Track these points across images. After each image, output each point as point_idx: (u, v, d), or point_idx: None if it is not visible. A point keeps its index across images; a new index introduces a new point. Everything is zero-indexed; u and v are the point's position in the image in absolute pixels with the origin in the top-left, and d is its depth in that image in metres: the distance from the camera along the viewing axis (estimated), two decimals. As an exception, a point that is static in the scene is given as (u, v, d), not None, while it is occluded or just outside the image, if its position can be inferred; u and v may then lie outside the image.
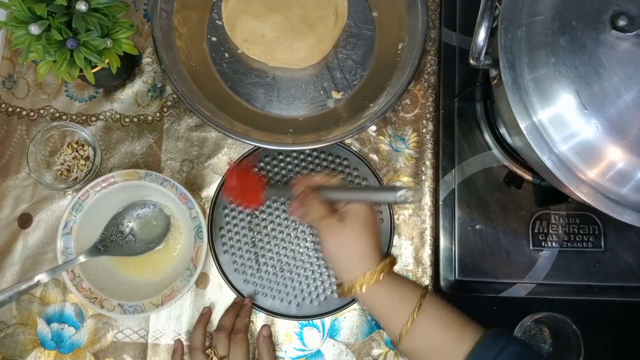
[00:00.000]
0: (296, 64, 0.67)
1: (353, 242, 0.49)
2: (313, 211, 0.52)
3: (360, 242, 0.49)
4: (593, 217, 0.62)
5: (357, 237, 0.49)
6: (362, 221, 0.50)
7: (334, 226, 0.49)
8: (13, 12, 0.52)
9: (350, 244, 0.49)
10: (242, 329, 0.60)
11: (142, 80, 0.68)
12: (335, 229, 0.49)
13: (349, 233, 0.49)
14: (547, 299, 0.62)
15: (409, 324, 0.47)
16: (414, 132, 0.67)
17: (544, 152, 0.44)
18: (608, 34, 0.43)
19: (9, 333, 0.63)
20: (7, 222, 0.65)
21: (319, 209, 0.51)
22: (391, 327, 0.48)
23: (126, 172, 0.61)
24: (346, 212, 0.50)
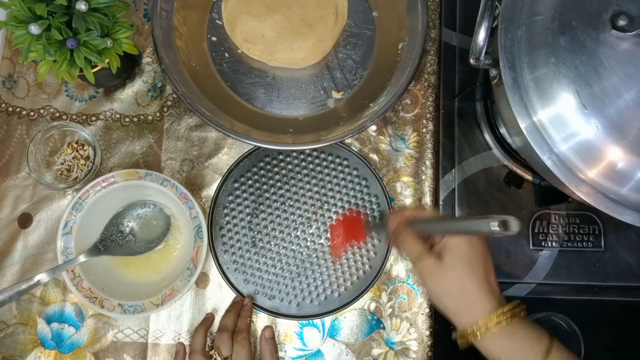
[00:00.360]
0: (296, 64, 0.67)
1: (455, 285, 0.45)
2: (408, 250, 0.48)
3: (463, 284, 0.45)
4: (593, 217, 0.62)
5: (459, 279, 0.45)
6: (463, 259, 0.45)
7: (432, 267, 0.45)
8: (13, 11, 0.52)
9: (452, 287, 0.45)
10: (244, 329, 0.60)
11: (142, 80, 0.68)
12: (434, 271, 0.46)
13: (449, 275, 0.45)
14: (547, 299, 0.62)
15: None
16: (414, 132, 0.67)
17: (544, 152, 0.44)
18: (608, 34, 0.43)
19: (9, 333, 0.63)
20: (7, 222, 0.65)
21: (414, 247, 0.48)
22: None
23: (126, 172, 0.61)
24: (444, 248, 0.46)
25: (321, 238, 0.64)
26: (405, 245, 0.49)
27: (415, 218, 0.51)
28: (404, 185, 0.66)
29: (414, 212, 0.52)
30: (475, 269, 0.45)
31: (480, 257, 0.46)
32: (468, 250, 0.46)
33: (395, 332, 0.63)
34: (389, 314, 0.64)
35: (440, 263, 0.46)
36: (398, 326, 0.63)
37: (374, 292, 0.64)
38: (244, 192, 0.65)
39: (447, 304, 0.46)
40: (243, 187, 0.65)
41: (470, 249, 0.46)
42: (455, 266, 0.45)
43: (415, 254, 0.48)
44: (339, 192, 0.65)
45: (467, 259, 0.45)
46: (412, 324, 0.63)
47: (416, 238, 0.49)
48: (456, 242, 0.46)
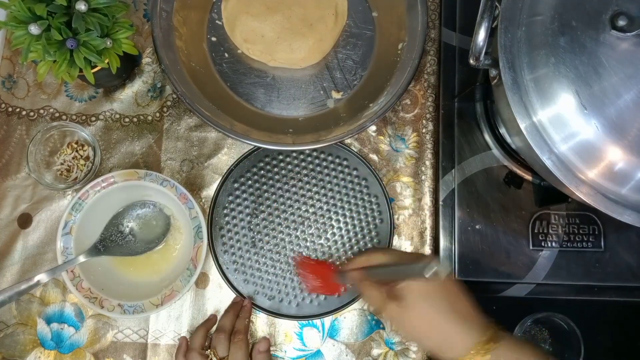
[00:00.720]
0: (296, 64, 0.67)
1: (424, 325, 0.45)
2: (368, 301, 0.48)
3: (432, 323, 0.44)
4: (593, 217, 0.62)
5: (425, 319, 0.45)
6: (423, 296, 0.45)
7: (395, 313, 0.45)
8: (13, 12, 0.52)
9: (422, 328, 0.45)
10: (241, 331, 0.60)
11: (142, 80, 0.68)
12: (398, 317, 0.45)
13: (413, 317, 0.45)
14: (547, 299, 0.62)
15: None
16: (414, 132, 0.67)
17: (544, 152, 0.44)
18: (608, 34, 0.43)
19: (8, 333, 0.63)
20: (7, 222, 0.65)
21: (373, 297, 0.47)
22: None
23: (126, 172, 0.61)
24: (402, 290, 0.45)
25: (321, 238, 0.64)
26: (366, 298, 0.49)
27: (368, 265, 0.50)
28: (403, 186, 0.66)
29: (364, 258, 0.51)
30: (437, 304, 0.45)
31: (439, 290, 0.46)
32: (424, 287, 0.45)
33: (395, 332, 0.63)
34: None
35: (402, 307, 0.45)
36: (398, 326, 0.63)
37: (374, 292, 0.64)
38: (243, 192, 0.65)
39: (424, 344, 0.46)
40: (243, 188, 0.65)
41: (426, 286, 0.45)
42: (416, 306, 0.45)
43: (376, 304, 0.47)
44: (339, 192, 0.65)
45: (425, 295, 0.45)
46: (412, 324, 0.63)
47: (375, 287, 0.48)
48: (412, 282, 0.45)
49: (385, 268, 0.50)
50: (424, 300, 0.45)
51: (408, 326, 0.46)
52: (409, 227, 0.65)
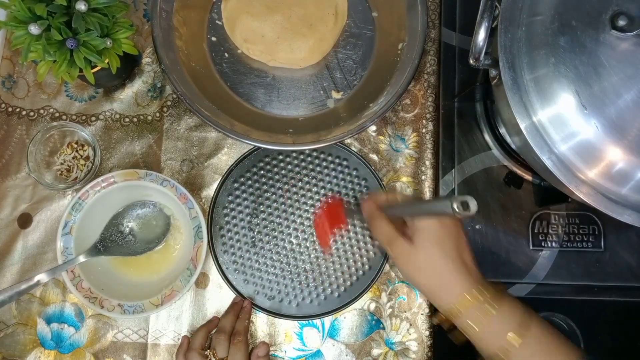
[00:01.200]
0: (296, 64, 0.67)
1: (428, 265, 0.45)
2: (379, 234, 0.48)
3: (435, 264, 0.45)
4: (593, 217, 0.62)
5: (430, 260, 0.45)
6: (434, 239, 0.45)
7: (404, 250, 0.46)
8: (13, 12, 0.52)
9: (425, 268, 0.45)
10: (241, 332, 0.59)
11: (142, 80, 0.68)
12: (405, 254, 0.46)
13: (420, 256, 0.45)
14: (547, 299, 0.62)
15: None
16: (414, 132, 0.67)
17: (544, 152, 0.44)
18: (608, 34, 0.43)
19: (8, 333, 0.63)
20: (7, 222, 0.65)
21: (385, 231, 0.48)
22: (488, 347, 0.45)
23: (126, 172, 0.61)
24: (415, 230, 0.46)
25: (321, 238, 0.64)
26: (377, 230, 0.49)
27: (387, 202, 0.51)
28: (403, 186, 0.66)
29: (385, 196, 0.51)
30: (447, 249, 0.46)
31: (452, 236, 0.46)
32: (438, 230, 0.46)
33: (395, 332, 0.63)
34: (389, 314, 0.64)
35: (412, 245, 0.46)
36: (398, 326, 0.63)
37: (374, 293, 0.64)
38: (243, 192, 0.65)
39: (423, 285, 0.47)
40: (243, 187, 0.65)
41: (440, 229, 0.46)
42: (425, 247, 0.46)
43: (386, 238, 0.48)
44: (339, 193, 0.65)
45: (437, 238, 0.46)
46: (411, 324, 0.63)
47: (388, 222, 0.49)
48: (426, 223, 0.46)
49: (405, 206, 0.50)
50: (435, 243, 0.45)
51: (412, 267, 0.46)
52: (409, 227, 0.65)
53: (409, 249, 0.46)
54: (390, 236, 0.48)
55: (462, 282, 0.45)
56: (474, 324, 0.45)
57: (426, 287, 0.47)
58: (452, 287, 0.45)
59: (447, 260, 0.45)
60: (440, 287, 0.46)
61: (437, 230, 0.46)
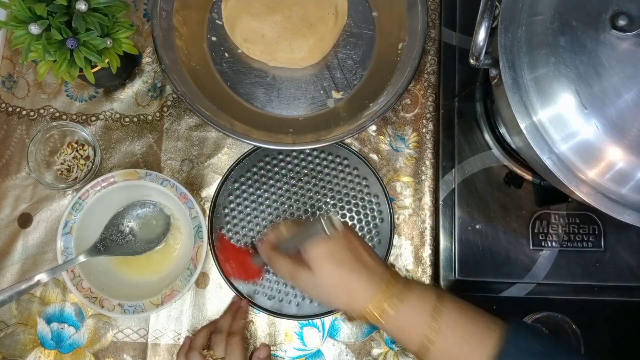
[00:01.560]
0: (296, 64, 0.67)
1: (331, 284, 0.46)
2: (280, 273, 0.50)
3: (337, 280, 0.46)
4: (593, 217, 0.62)
5: (331, 277, 0.46)
6: (327, 257, 0.46)
7: (306, 278, 0.47)
8: (13, 11, 0.52)
9: (330, 287, 0.46)
10: (237, 332, 0.59)
11: (142, 80, 0.68)
12: (308, 282, 0.47)
13: (321, 278, 0.46)
14: (547, 299, 0.62)
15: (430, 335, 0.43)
16: (414, 131, 0.67)
17: (544, 152, 0.44)
18: (608, 34, 0.43)
19: (9, 333, 0.63)
20: (7, 222, 0.65)
21: (284, 268, 0.49)
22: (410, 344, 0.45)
23: (126, 171, 0.61)
24: (309, 256, 0.47)
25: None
26: (278, 269, 0.50)
27: (277, 239, 0.52)
28: (403, 185, 0.66)
29: (273, 234, 0.52)
30: (342, 260, 0.46)
31: (343, 245, 0.47)
32: (328, 247, 0.46)
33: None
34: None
35: (311, 272, 0.46)
36: (398, 326, 0.63)
37: (374, 292, 0.64)
38: (244, 192, 0.65)
39: (336, 304, 0.47)
40: (243, 187, 0.65)
41: (329, 244, 0.46)
42: (323, 268, 0.46)
43: (288, 273, 0.49)
44: (339, 192, 0.65)
45: (329, 255, 0.46)
46: (412, 324, 0.63)
47: (284, 258, 0.49)
48: (315, 245, 0.46)
49: (291, 238, 0.51)
50: (329, 260, 0.46)
51: (319, 291, 0.47)
52: (409, 226, 0.65)
53: (309, 276, 0.46)
54: (290, 271, 0.48)
55: (369, 285, 0.45)
56: (390, 324, 0.45)
57: (340, 304, 0.47)
58: (361, 295, 0.45)
59: (347, 272, 0.45)
60: (351, 299, 0.45)
61: (326, 248, 0.46)
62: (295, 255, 0.50)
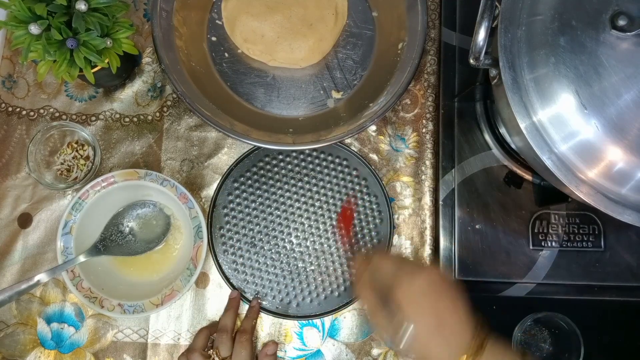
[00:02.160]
0: (296, 64, 0.67)
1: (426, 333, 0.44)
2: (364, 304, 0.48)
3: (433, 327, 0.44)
4: (593, 217, 0.62)
5: (429, 324, 0.44)
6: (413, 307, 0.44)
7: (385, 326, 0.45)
8: (13, 11, 0.52)
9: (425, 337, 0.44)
10: (247, 330, 0.59)
11: (142, 80, 0.68)
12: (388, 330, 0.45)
13: (415, 322, 0.44)
14: (547, 299, 0.62)
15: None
16: (414, 132, 0.67)
17: (544, 152, 0.44)
18: (608, 34, 0.43)
19: (8, 333, 0.63)
20: (7, 222, 0.65)
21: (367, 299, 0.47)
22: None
23: (126, 171, 0.61)
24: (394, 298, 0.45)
25: (321, 238, 0.64)
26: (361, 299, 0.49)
27: (374, 268, 0.50)
28: (403, 185, 0.66)
29: (375, 260, 0.50)
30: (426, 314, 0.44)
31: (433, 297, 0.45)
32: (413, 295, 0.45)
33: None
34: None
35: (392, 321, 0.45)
36: (398, 326, 0.63)
37: (374, 292, 0.64)
38: (243, 192, 0.65)
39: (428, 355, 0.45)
40: (243, 187, 0.65)
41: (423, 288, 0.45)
42: (417, 309, 0.44)
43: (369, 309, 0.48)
44: (339, 192, 0.65)
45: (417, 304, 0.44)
46: (412, 324, 0.63)
47: (370, 290, 0.48)
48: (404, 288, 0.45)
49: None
50: (415, 312, 0.44)
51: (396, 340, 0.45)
52: (409, 226, 0.65)
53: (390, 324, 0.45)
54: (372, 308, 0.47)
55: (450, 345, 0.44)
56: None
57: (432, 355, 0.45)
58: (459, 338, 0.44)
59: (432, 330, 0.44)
60: (446, 341, 0.45)
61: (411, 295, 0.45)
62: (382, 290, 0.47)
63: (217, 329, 0.61)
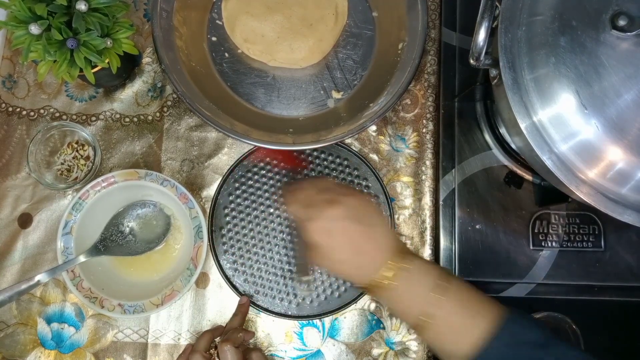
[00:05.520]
0: (296, 64, 0.67)
1: (339, 260, 0.48)
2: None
3: (345, 255, 0.47)
4: (593, 217, 0.62)
5: (341, 252, 0.47)
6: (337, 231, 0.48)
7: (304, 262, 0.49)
8: (13, 12, 0.52)
9: (338, 263, 0.48)
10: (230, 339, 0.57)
11: (142, 80, 0.68)
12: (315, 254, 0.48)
13: (330, 252, 0.48)
14: (547, 299, 0.62)
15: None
16: (414, 132, 0.67)
17: (544, 152, 0.44)
18: (608, 34, 0.43)
19: (9, 333, 0.63)
20: (7, 222, 0.65)
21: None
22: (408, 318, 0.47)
23: (126, 172, 0.61)
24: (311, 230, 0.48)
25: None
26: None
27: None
28: (404, 185, 0.66)
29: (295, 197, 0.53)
30: (351, 230, 0.47)
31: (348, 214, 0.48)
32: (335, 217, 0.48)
33: (395, 332, 0.63)
34: (389, 314, 0.64)
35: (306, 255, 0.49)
36: (398, 326, 0.63)
37: (374, 292, 0.64)
38: (244, 192, 0.65)
39: (343, 276, 0.51)
40: (243, 187, 0.65)
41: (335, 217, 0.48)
42: (332, 239, 0.47)
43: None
44: (339, 192, 0.65)
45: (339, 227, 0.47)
46: (412, 324, 0.63)
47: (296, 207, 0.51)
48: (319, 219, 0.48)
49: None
50: (339, 231, 0.47)
51: (328, 263, 0.48)
52: (409, 226, 0.65)
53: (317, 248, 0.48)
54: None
55: (378, 257, 0.47)
56: (393, 295, 0.46)
57: (347, 277, 0.49)
58: (368, 267, 0.47)
59: (355, 246, 0.47)
60: (359, 272, 0.47)
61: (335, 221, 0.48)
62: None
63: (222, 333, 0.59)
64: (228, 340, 0.56)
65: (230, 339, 0.56)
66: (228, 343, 0.55)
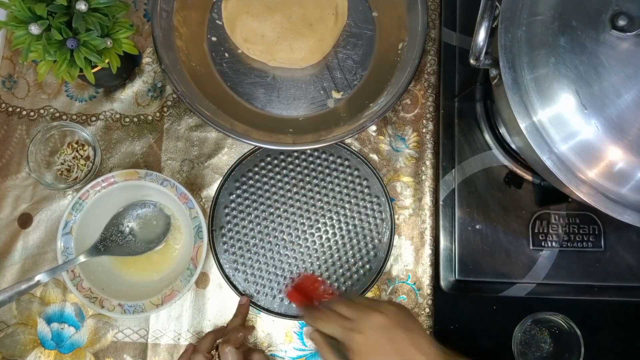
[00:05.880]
0: (296, 64, 0.67)
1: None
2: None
3: None
4: (593, 217, 0.62)
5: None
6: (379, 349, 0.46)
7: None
8: (13, 12, 0.52)
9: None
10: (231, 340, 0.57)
11: (142, 80, 0.68)
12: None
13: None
14: (547, 299, 0.62)
15: None
16: (414, 132, 0.67)
17: (544, 152, 0.44)
18: (608, 34, 0.43)
19: (9, 333, 0.63)
20: (7, 222, 0.65)
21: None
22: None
23: (126, 172, 0.61)
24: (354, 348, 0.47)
25: (322, 238, 0.64)
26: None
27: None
28: (404, 185, 0.66)
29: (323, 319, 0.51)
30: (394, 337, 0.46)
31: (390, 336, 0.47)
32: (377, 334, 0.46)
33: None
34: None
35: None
36: (398, 326, 0.63)
37: (374, 292, 0.64)
38: (244, 192, 0.65)
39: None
40: (244, 187, 0.65)
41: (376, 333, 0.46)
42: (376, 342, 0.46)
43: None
44: (340, 192, 0.65)
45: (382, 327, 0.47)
46: (412, 324, 0.63)
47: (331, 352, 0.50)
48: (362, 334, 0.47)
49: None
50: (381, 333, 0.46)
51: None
52: (409, 226, 0.65)
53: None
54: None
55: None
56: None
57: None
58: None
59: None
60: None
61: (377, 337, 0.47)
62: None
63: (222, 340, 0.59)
64: (229, 342, 0.56)
65: (230, 340, 0.56)
66: (229, 344, 0.55)
